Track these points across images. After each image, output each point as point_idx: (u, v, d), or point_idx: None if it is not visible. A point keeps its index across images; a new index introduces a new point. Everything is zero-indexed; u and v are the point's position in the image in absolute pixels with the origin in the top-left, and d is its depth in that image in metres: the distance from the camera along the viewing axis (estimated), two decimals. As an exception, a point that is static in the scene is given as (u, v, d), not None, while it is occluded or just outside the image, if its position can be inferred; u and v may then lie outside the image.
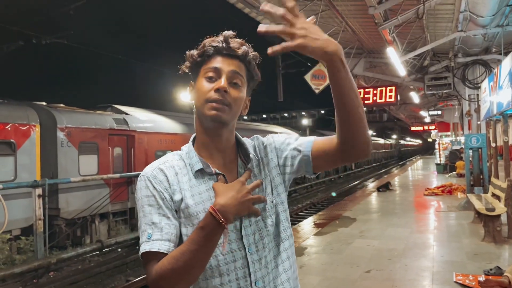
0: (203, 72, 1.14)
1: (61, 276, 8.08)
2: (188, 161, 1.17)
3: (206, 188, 1.13)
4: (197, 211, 1.11)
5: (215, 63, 1.12)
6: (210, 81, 1.12)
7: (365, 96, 11.96)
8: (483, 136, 9.59)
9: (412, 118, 32.92)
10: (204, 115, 1.13)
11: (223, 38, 1.13)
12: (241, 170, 1.18)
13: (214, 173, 1.14)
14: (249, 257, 1.12)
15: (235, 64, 1.14)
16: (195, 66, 1.16)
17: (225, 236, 1.03)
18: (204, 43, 1.14)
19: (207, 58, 1.14)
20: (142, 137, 12.05)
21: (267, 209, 1.18)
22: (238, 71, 1.14)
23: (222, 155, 1.18)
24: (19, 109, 9.22)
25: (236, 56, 1.14)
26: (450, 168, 19.09)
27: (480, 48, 10.14)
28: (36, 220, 7.97)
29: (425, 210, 10.00)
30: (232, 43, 1.13)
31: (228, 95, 1.10)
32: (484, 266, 4.90)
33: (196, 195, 1.13)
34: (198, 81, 1.15)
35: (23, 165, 8.87)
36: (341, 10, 9.27)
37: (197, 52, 1.15)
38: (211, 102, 1.10)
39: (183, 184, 1.14)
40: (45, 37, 11.61)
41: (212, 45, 1.13)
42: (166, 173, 1.14)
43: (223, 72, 1.12)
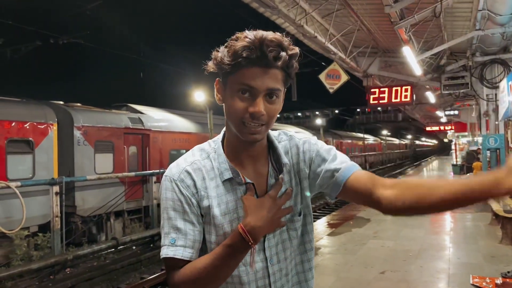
0: (236, 85, 1.01)
1: (77, 272, 8.21)
2: (216, 164, 1.10)
3: (233, 198, 1.08)
4: (223, 222, 1.07)
5: (249, 78, 0.99)
6: (244, 99, 1.01)
7: (380, 96, 11.86)
8: (501, 137, 9.41)
9: (428, 118, 32.46)
10: (238, 132, 1.05)
11: (258, 43, 0.97)
12: (271, 178, 1.11)
13: (243, 182, 1.08)
14: (270, 268, 1.10)
15: (273, 76, 1.01)
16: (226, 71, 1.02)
17: (252, 256, 1.04)
18: (236, 50, 0.98)
19: (239, 69, 1.00)
20: (157, 136, 12.15)
21: (294, 220, 1.14)
22: (275, 87, 1.02)
23: (253, 161, 1.12)
24: (37, 108, 9.38)
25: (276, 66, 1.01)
26: (467, 169, 18.78)
27: (498, 47, 9.95)
28: (53, 217, 8.11)
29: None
30: (270, 51, 0.98)
31: (265, 115, 1.01)
32: (501, 268, 4.82)
33: (223, 204, 1.08)
34: (230, 93, 1.03)
35: (41, 163, 9.03)
36: (356, 9, 9.20)
37: (228, 60, 1.00)
38: (248, 126, 1.02)
39: (210, 190, 1.08)
40: (62, 37, 11.78)
41: (245, 56, 0.97)
42: (194, 177, 1.08)
43: (259, 92, 1.00)
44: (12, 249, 7.94)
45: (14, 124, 8.65)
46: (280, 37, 1.02)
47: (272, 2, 7.77)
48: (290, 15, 8.39)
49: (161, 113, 13.47)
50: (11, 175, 8.34)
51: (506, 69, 9.85)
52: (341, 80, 11.19)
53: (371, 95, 11.93)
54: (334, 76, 11.20)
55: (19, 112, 8.90)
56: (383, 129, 53.26)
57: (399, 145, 60.91)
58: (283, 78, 1.04)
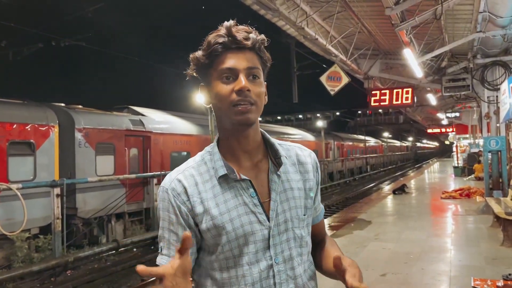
0: (216, 74, 1.06)
1: (78, 274, 8.21)
2: (211, 164, 1.11)
3: (232, 195, 1.07)
4: (223, 221, 1.05)
5: (227, 62, 1.04)
6: (228, 83, 1.04)
7: (381, 98, 11.86)
8: (503, 139, 9.40)
9: (429, 120, 32.44)
10: (230, 120, 1.06)
11: (226, 31, 1.05)
12: (272, 174, 1.11)
13: (239, 178, 1.07)
14: (275, 267, 1.07)
15: (248, 57, 1.06)
16: (203, 68, 1.08)
17: None
18: (209, 41, 1.06)
19: (216, 58, 1.05)
20: (158, 138, 12.16)
21: (300, 218, 1.13)
22: (253, 65, 1.06)
23: (249, 157, 1.12)
24: (38, 110, 9.40)
25: (247, 48, 1.06)
26: (468, 171, 18.77)
27: (499, 49, 9.95)
28: (54, 219, 8.12)
29: (442, 214, 9.86)
30: (238, 35, 1.04)
31: (251, 93, 1.04)
32: (503, 271, 4.80)
33: (221, 204, 1.06)
34: (214, 84, 1.07)
35: (42, 165, 9.04)
36: (357, 11, 9.21)
37: (204, 54, 1.07)
38: (237, 106, 1.04)
39: (205, 193, 1.07)
40: (64, 40, 11.82)
41: (218, 42, 1.04)
42: (185, 184, 1.08)
43: (239, 70, 1.04)
44: (13, 251, 7.95)
45: (15, 126, 8.66)
46: (245, 26, 1.09)
47: (273, 4, 7.78)
48: (291, 17, 8.41)
49: (162, 115, 13.49)
50: (12, 177, 8.35)
51: (507, 71, 9.85)
52: (342, 82, 11.20)
53: (372, 97, 11.93)
54: (335, 78, 11.21)
55: (20, 114, 8.92)
56: (384, 131, 53.24)
57: (400, 147, 60.85)
58: (259, 61, 1.08)
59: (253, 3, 8.03)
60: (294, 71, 16.17)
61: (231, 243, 1.05)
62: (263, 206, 1.08)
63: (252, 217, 1.06)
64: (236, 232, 1.05)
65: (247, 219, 1.06)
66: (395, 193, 13.56)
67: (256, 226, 1.06)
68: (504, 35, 8.44)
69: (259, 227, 1.06)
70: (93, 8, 11.46)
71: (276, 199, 1.09)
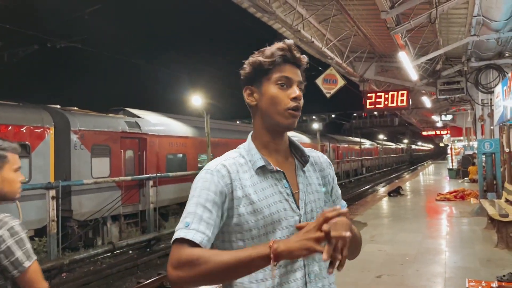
0: (274, 79, 1.22)
1: (74, 277, 8.17)
2: (249, 158, 1.24)
3: (268, 184, 1.20)
4: (261, 206, 1.16)
5: (285, 72, 1.22)
6: (283, 89, 1.21)
7: (376, 101, 11.92)
8: (497, 141, 9.48)
9: (424, 123, 32.63)
10: (278, 121, 1.22)
11: (287, 47, 1.23)
12: (298, 169, 1.27)
13: (275, 170, 1.22)
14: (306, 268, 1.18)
15: (300, 73, 1.25)
16: (261, 72, 1.23)
17: (272, 271, 1.09)
18: (273, 52, 1.22)
19: (276, 66, 1.22)
20: (154, 140, 12.15)
21: (322, 207, 1.27)
22: (301, 80, 1.25)
23: (279, 154, 1.27)
24: (33, 112, 9.37)
25: (300, 66, 1.25)
26: (463, 173, 18.88)
27: (493, 52, 10.04)
28: (49, 221, 8.09)
29: (437, 216, 9.91)
30: (296, 54, 1.23)
31: (301, 101, 1.23)
32: (497, 272, 4.84)
33: (260, 191, 1.18)
34: (268, 88, 1.23)
35: (37, 167, 9.01)
36: (353, 15, 9.27)
37: (267, 60, 1.22)
38: (291, 110, 1.21)
39: (245, 181, 1.19)
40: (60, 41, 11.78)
41: (281, 54, 1.21)
42: (229, 169, 1.20)
43: (294, 81, 1.22)
44: (8, 253, 7.90)
45: (10, 128, 8.64)
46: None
47: (269, 7, 7.81)
48: (287, 20, 8.45)
49: (158, 117, 13.48)
50: (7, 179, 8.31)
51: (501, 74, 9.94)
52: (338, 85, 11.24)
53: (368, 99, 11.99)
54: (331, 81, 11.24)
55: (15, 116, 8.89)
56: (380, 133, 53.41)
57: (395, 149, 61.06)
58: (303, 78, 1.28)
59: (249, 6, 8.07)
60: (290, 73, 16.13)
61: (267, 227, 1.16)
62: (294, 196, 1.22)
63: (286, 205, 1.19)
64: (272, 216, 1.17)
65: (281, 206, 1.19)
66: (391, 195, 13.62)
67: (289, 212, 1.19)
68: (498, 38, 8.52)
69: (291, 214, 1.19)
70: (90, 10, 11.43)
71: (304, 190, 1.24)
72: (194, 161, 14.03)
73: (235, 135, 16.48)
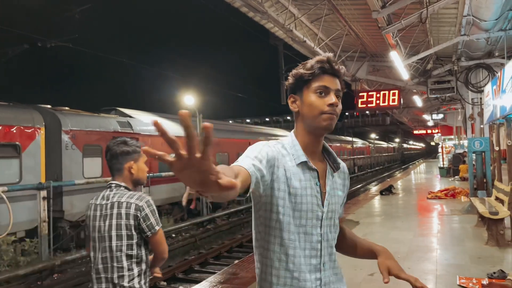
0: (313, 88, 1.37)
1: (65, 278, 8.11)
2: (292, 151, 1.38)
3: (305, 178, 1.36)
4: (300, 193, 1.33)
5: (323, 82, 1.36)
6: (321, 97, 1.36)
7: (368, 100, 11.98)
8: (486, 140, 9.58)
9: (415, 122, 32.88)
10: (317, 124, 1.36)
11: (326, 59, 1.37)
12: (328, 173, 1.43)
13: (313, 168, 1.37)
14: (323, 243, 1.38)
15: (337, 82, 1.39)
16: (302, 82, 1.38)
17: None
18: (312, 64, 1.37)
19: (315, 76, 1.37)
20: (146, 140, 12.10)
21: (337, 211, 1.45)
22: (339, 89, 1.39)
23: (315, 156, 1.42)
24: (24, 112, 9.28)
25: (338, 76, 1.39)
26: (454, 171, 19.05)
27: (483, 52, 10.14)
28: (40, 222, 8.02)
29: (429, 214, 9.99)
30: (334, 65, 1.38)
31: (336, 108, 1.36)
32: (487, 269, 4.89)
33: (299, 181, 1.34)
34: (308, 95, 1.37)
35: (28, 168, 8.93)
36: (344, 14, 9.31)
37: (307, 72, 1.37)
38: (326, 114, 1.35)
39: (288, 167, 1.34)
40: (50, 41, 11.69)
41: (320, 66, 1.36)
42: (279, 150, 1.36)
43: (331, 90, 1.36)
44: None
45: (0, 128, 8.55)
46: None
47: (262, 6, 7.82)
48: (279, 19, 8.46)
49: (150, 116, 13.42)
50: (-3, 180, 8.23)
51: (490, 73, 10.05)
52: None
53: (359, 99, 12.05)
54: (323, 80, 11.27)
55: (5, 116, 8.79)
56: (372, 132, 53.67)
57: (387, 148, 61.42)
58: (341, 87, 1.41)
59: (242, 6, 8.07)
60: (282, 73, 16.23)
61: (295, 212, 1.33)
62: (322, 195, 1.38)
63: (314, 200, 1.36)
64: (306, 204, 1.34)
65: (311, 199, 1.35)
66: (382, 194, 13.70)
67: (315, 207, 1.36)
68: (487, 38, 8.61)
69: (317, 208, 1.36)
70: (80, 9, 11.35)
71: (330, 192, 1.41)
72: (187, 160, 13.97)
73: (228, 135, 16.46)
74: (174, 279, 8.02)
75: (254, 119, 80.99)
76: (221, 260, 9.49)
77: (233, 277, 5.63)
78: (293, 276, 1.33)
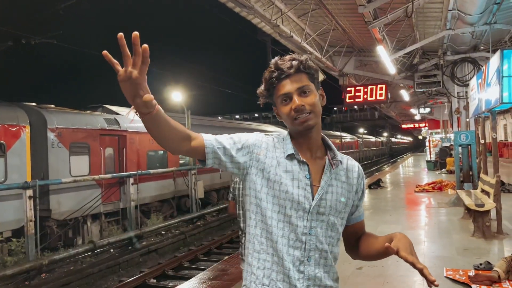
0: (278, 100, 1.40)
1: (53, 277, 8.04)
2: (282, 145, 1.42)
3: (293, 169, 1.37)
4: (281, 179, 1.35)
5: (281, 90, 1.38)
6: (286, 104, 1.38)
7: (355, 94, 12.03)
8: (472, 133, 9.70)
9: (403, 116, 33.17)
10: (295, 128, 1.40)
11: (274, 66, 1.38)
12: (326, 169, 1.41)
13: (301, 160, 1.38)
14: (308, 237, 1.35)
15: (296, 79, 1.37)
16: (268, 97, 1.44)
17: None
18: (265, 78, 1.41)
19: (274, 89, 1.40)
20: (134, 137, 12.00)
21: (338, 209, 1.40)
22: (302, 84, 1.37)
23: (310, 153, 1.42)
24: (8, 110, 9.13)
25: (293, 73, 1.37)
26: (441, 165, 19.27)
27: (468, 46, 10.24)
28: (27, 222, 7.92)
29: (416, 207, 10.10)
30: (283, 66, 1.36)
31: (305, 106, 1.35)
32: (474, 261, 4.97)
33: (285, 171, 1.37)
34: (279, 107, 1.41)
35: (13, 166, 8.80)
36: (331, 9, 9.31)
37: (264, 88, 1.43)
38: (296, 119, 1.36)
39: (274, 157, 1.39)
40: (35, 37, 11.49)
41: (272, 77, 1.38)
42: (267, 141, 1.43)
43: (292, 93, 1.36)
44: (-16, 255, 7.72)
45: (-16, 127, 8.40)
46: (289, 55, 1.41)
47: (248, 1, 7.78)
48: (266, 14, 8.42)
49: (137, 113, 13.30)
50: (-18, 180, 8.10)
51: (475, 67, 10.14)
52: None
53: (347, 93, 12.09)
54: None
55: (-11, 115, 8.64)
56: (360, 127, 54.02)
57: (375, 142, 61.89)
58: (307, 77, 1.39)
59: (228, 1, 8.02)
60: (270, 68, 16.14)
61: (284, 201, 1.34)
62: (313, 188, 1.36)
63: (301, 191, 1.35)
64: (290, 194, 1.34)
65: (297, 190, 1.35)
66: (371, 188, 13.81)
67: (302, 198, 1.34)
68: (472, 32, 8.68)
69: (304, 200, 1.34)
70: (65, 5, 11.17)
71: (323, 186, 1.37)
72: (176, 157, 13.92)
73: (216, 131, 16.37)
74: (164, 276, 8.00)
75: (243, 115, 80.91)
76: (211, 257, 9.49)
77: (222, 273, 5.63)
78: (273, 260, 1.33)
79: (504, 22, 8.43)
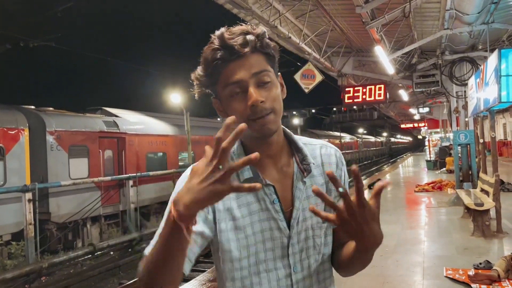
0: (224, 91, 0.97)
1: (53, 280, 8.03)
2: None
3: (255, 199, 1.01)
4: (244, 224, 1.00)
5: (231, 77, 0.94)
6: (239, 98, 0.96)
7: (354, 95, 12.03)
8: (471, 132, 9.70)
9: (402, 116, 33.17)
10: (251, 133, 0.98)
11: (219, 42, 0.94)
12: (297, 180, 1.04)
13: (264, 183, 1.00)
14: (294, 276, 1.02)
15: (252, 62, 0.95)
16: (209, 85, 1.00)
17: (187, 234, 0.77)
18: (206, 58, 0.96)
19: (219, 75, 0.96)
20: (133, 139, 12.00)
21: (321, 226, 1.06)
22: (259, 69, 0.96)
23: (274, 161, 1.05)
24: (7, 113, 9.13)
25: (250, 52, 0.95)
26: (440, 164, 19.27)
27: (466, 45, 10.24)
28: (26, 225, 7.92)
29: (416, 206, 10.10)
30: (234, 43, 0.93)
31: (265, 103, 0.95)
32: (473, 260, 4.96)
33: (243, 206, 1.01)
34: (226, 101, 0.98)
35: (13, 170, 8.80)
36: (329, 10, 9.32)
37: (204, 73, 0.98)
38: (254, 121, 0.95)
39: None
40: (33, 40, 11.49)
41: (216, 58, 0.94)
42: None
43: (246, 82, 0.94)
44: (-16, 259, 7.71)
45: (-17, 130, 8.40)
46: (240, 26, 0.98)
47: (246, 3, 7.79)
48: (263, 16, 8.43)
49: (137, 116, 13.31)
50: (-19, 183, 8.10)
51: (474, 66, 10.15)
52: (316, 80, 11.30)
53: (346, 94, 12.10)
54: (309, 76, 11.29)
55: (-12, 118, 8.65)
56: (359, 127, 54.05)
57: (375, 142, 61.95)
58: (266, 60, 0.98)
59: (225, 2, 8.02)
60: (268, 69, 16.14)
61: (249, 248, 1.00)
62: (285, 213, 1.02)
63: (273, 224, 1.01)
64: (255, 236, 1.00)
65: (267, 224, 1.01)
66: (371, 188, 13.80)
67: (276, 233, 1.01)
68: (470, 31, 8.68)
69: (278, 234, 1.01)
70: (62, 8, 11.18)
71: (299, 207, 1.03)
72: (175, 159, 13.93)
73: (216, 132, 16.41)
74: (164, 278, 7.99)
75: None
76: (211, 258, 9.47)
77: (222, 275, 5.62)
78: None
79: (502, 22, 8.45)
